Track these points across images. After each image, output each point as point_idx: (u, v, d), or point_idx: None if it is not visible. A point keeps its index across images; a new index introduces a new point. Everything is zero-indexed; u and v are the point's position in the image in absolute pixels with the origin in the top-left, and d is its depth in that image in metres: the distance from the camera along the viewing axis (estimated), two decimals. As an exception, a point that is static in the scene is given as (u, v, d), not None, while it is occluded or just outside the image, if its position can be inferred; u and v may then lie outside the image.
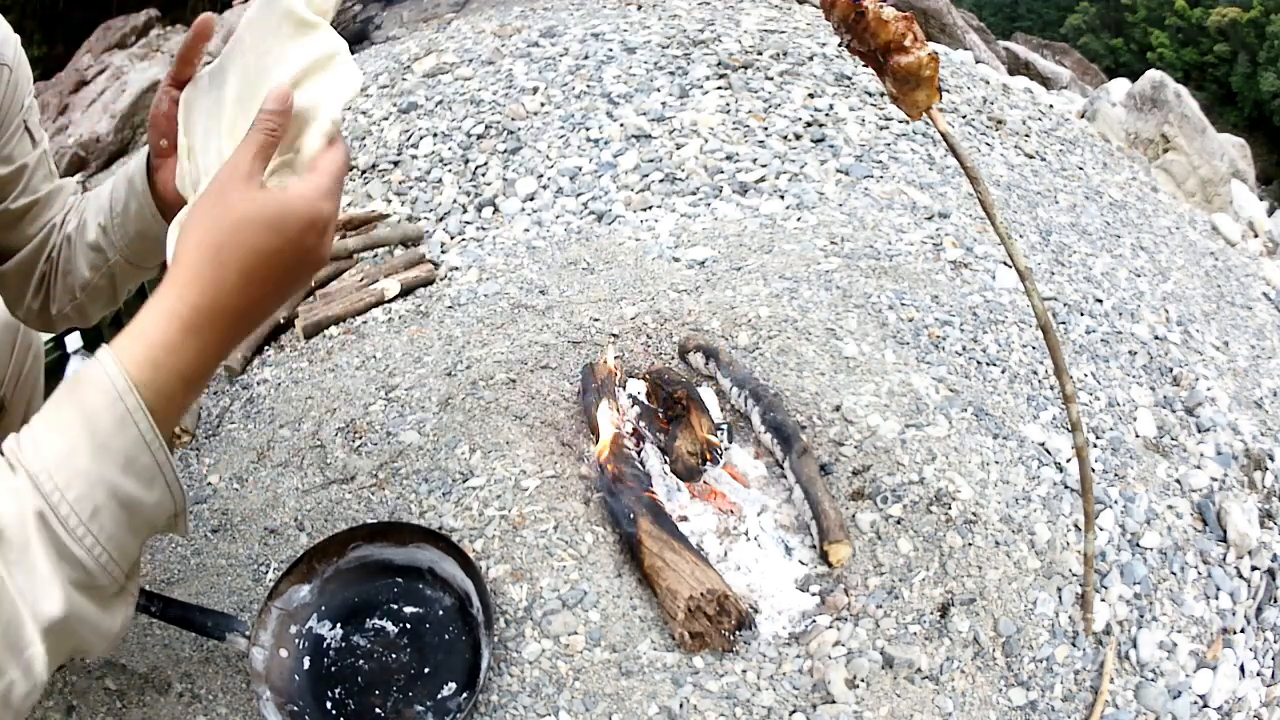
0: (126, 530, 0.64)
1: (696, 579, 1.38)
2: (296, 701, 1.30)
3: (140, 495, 0.65)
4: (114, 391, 0.64)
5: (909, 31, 1.06)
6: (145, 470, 0.65)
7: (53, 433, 0.63)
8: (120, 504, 0.63)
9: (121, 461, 0.63)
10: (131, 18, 7.18)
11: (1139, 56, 20.78)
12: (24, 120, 1.14)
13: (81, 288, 1.18)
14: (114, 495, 0.63)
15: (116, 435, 0.63)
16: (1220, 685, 1.39)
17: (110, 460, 0.63)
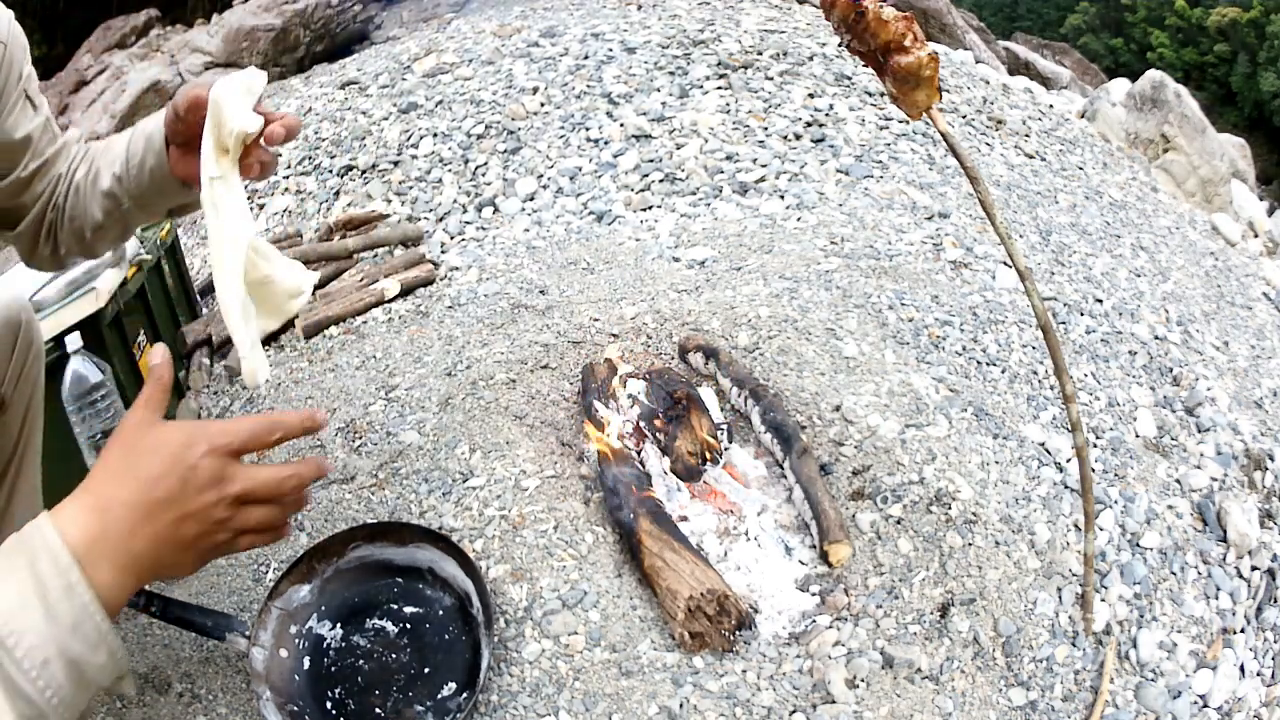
0: (74, 685, 0.70)
1: (696, 579, 1.38)
2: (296, 701, 1.30)
3: (87, 656, 0.71)
4: (60, 564, 0.71)
5: (909, 31, 1.06)
6: (91, 635, 0.71)
7: (5, 587, 0.69)
8: (69, 661, 0.69)
9: (69, 625, 0.70)
10: (131, 18, 7.18)
11: (1139, 56, 20.78)
12: (24, 90, 1.17)
13: (93, 229, 1.24)
14: (63, 652, 0.69)
15: (64, 602, 0.70)
16: (1220, 685, 1.39)
17: (60, 623, 0.69)
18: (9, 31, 1.14)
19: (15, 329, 1.31)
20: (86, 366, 1.61)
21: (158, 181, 1.16)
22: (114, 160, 1.19)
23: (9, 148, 1.18)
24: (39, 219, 1.25)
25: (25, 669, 0.67)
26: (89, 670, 0.72)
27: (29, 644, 0.67)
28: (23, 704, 0.67)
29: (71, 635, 0.70)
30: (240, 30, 6.50)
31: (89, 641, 0.71)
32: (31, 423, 1.38)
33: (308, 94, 4.52)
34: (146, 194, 1.18)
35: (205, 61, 6.44)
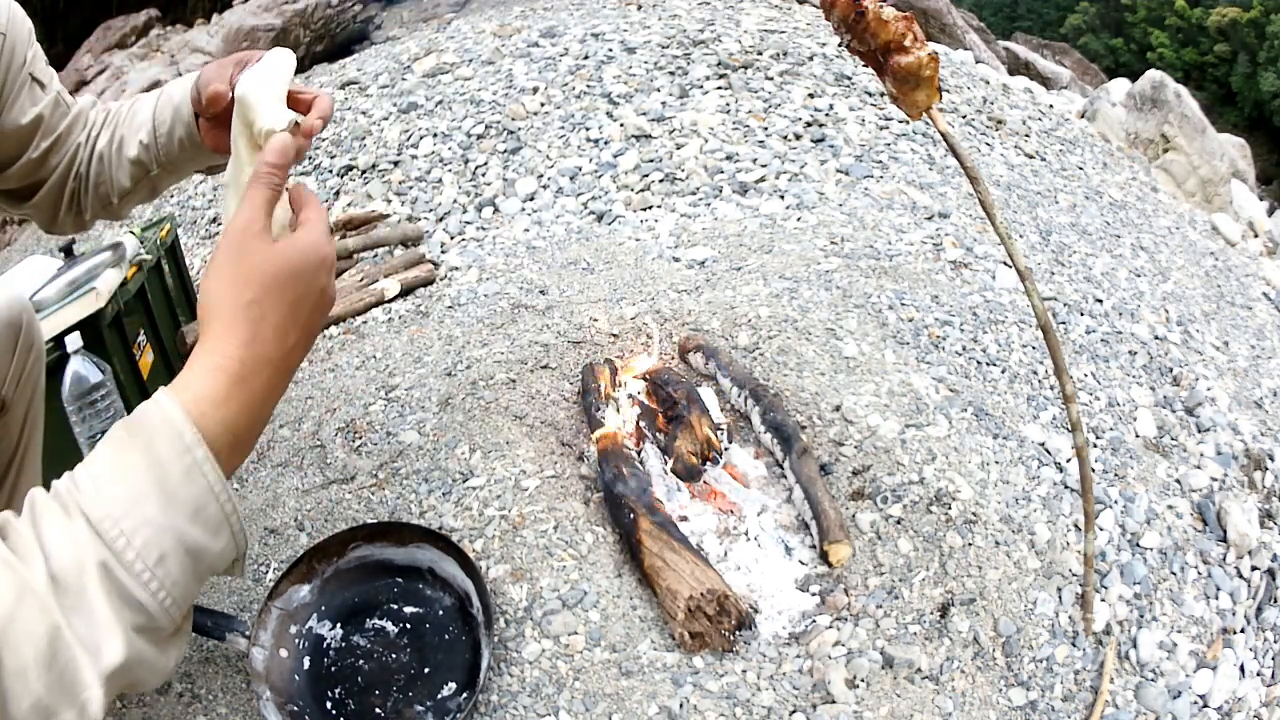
0: (190, 576, 0.65)
1: (696, 579, 1.38)
2: (296, 701, 1.30)
3: (207, 543, 0.66)
4: (181, 442, 0.65)
5: (909, 31, 1.06)
6: (212, 519, 0.66)
7: (117, 478, 0.63)
8: (186, 551, 0.64)
9: (190, 511, 0.64)
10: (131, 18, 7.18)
11: (1139, 56, 20.78)
12: (29, 74, 1.17)
13: (120, 194, 1.25)
14: (181, 542, 0.63)
15: (185, 485, 0.64)
16: (1220, 685, 1.39)
17: (179, 509, 0.63)
18: (9, 18, 1.13)
19: (16, 330, 1.31)
20: (86, 367, 1.61)
21: (188, 150, 1.17)
22: (139, 127, 1.20)
23: (16, 134, 1.17)
24: (59, 189, 1.25)
25: (137, 572, 0.61)
26: (207, 557, 0.66)
27: (143, 541, 0.61)
28: (132, 612, 0.61)
29: (191, 522, 0.64)
30: (240, 30, 6.50)
31: (210, 526, 0.66)
32: (32, 423, 1.38)
33: (308, 94, 4.51)
34: (177, 161, 1.19)
35: (205, 61, 6.44)
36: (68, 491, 0.62)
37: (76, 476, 0.63)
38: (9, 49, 1.12)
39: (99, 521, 0.60)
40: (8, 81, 1.14)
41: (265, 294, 0.74)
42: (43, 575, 0.57)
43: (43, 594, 0.57)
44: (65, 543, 0.59)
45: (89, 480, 0.62)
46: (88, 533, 0.60)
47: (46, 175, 1.23)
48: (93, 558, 0.59)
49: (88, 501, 0.61)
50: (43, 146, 1.20)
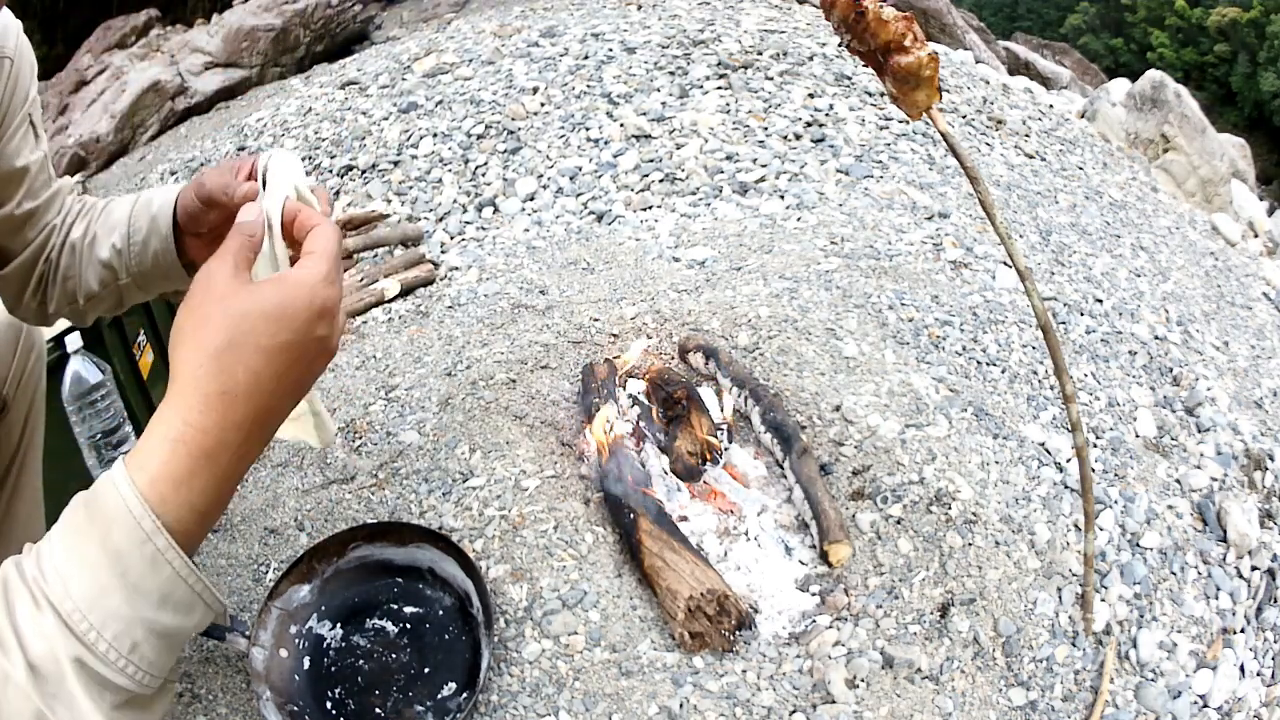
0: (167, 652, 0.63)
1: (696, 579, 1.38)
2: (296, 701, 1.30)
3: (180, 623, 0.63)
4: (140, 532, 0.60)
5: (909, 31, 1.06)
6: (182, 602, 0.63)
7: (80, 570, 0.60)
8: (159, 635, 0.62)
9: (157, 599, 0.61)
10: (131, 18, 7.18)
11: (1139, 56, 20.78)
12: (29, 114, 1.10)
13: (86, 297, 1.16)
14: (152, 630, 0.61)
15: (149, 576, 0.61)
16: (1220, 685, 1.39)
17: (145, 600, 0.61)
18: (18, 47, 1.08)
19: (18, 330, 1.31)
20: (86, 367, 1.61)
21: (162, 267, 1.09)
22: (113, 229, 1.11)
23: (6, 176, 1.09)
24: (28, 268, 1.16)
25: (111, 661, 0.59)
26: (182, 634, 0.64)
27: (113, 634, 0.59)
28: (111, 694, 0.60)
29: (160, 609, 0.61)
30: (240, 30, 6.50)
31: (181, 607, 0.63)
32: (34, 423, 1.38)
33: (308, 94, 4.52)
34: (148, 275, 1.11)
35: (205, 61, 6.44)
36: (34, 581, 0.59)
37: (42, 563, 0.60)
38: (14, 77, 1.07)
39: (68, 616, 0.58)
40: (11, 109, 1.07)
41: (241, 340, 0.64)
42: (21, 665, 0.57)
43: (23, 684, 0.56)
44: (39, 636, 0.58)
45: (53, 570, 0.59)
46: (58, 627, 0.58)
47: (19, 247, 1.14)
48: (66, 653, 0.58)
49: (55, 595, 0.59)
50: (25, 207, 1.11)
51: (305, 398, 0.85)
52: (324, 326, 0.68)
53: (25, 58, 1.10)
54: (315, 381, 0.71)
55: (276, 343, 0.65)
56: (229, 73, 6.43)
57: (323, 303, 0.67)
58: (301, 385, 0.69)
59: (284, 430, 0.90)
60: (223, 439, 0.64)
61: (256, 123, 4.21)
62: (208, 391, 0.63)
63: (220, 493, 0.65)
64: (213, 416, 0.63)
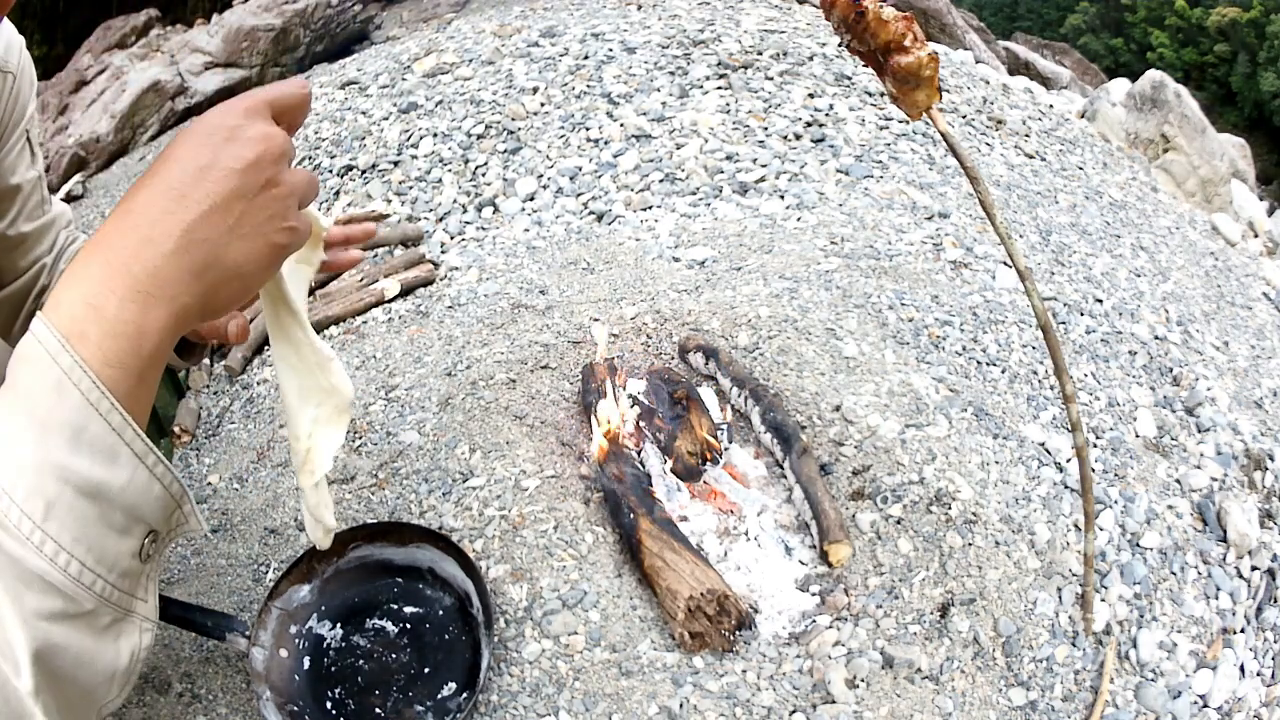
0: (98, 526, 0.51)
1: (696, 579, 1.38)
2: (296, 701, 1.30)
3: (101, 475, 0.51)
4: (46, 355, 0.50)
5: (909, 31, 1.06)
6: (98, 441, 0.51)
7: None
8: (78, 491, 0.50)
9: (68, 435, 0.50)
10: (131, 18, 7.18)
11: (1139, 56, 20.78)
12: (26, 130, 1.10)
13: None
14: (66, 481, 0.49)
15: (56, 406, 0.50)
16: (1220, 685, 1.39)
17: (54, 438, 0.49)
18: (20, 63, 1.07)
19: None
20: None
21: None
22: None
23: (1, 192, 1.08)
24: (18, 301, 1.14)
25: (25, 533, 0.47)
26: (111, 495, 0.51)
27: (24, 491, 0.47)
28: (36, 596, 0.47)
29: (72, 450, 0.49)
30: (240, 30, 6.50)
31: (99, 450, 0.51)
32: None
33: (308, 94, 4.51)
34: None
35: (205, 61, 6.44)
36: None
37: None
38: (14, 93, 1.06)
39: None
40: (8, 127, 1.06)
41: (156, 162, 0.60)
42: None
43: None
44: None
45: None
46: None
47: (12, 275, 1.12)
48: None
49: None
50: (18, 228, 1.09)
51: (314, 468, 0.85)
52: (230, 117, 0.60)
53: (26, 74, 1.09)
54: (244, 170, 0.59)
55: (178, 142, 0.59)
56: (229, 73, 6.43)
57: (231, 101, 0.62)
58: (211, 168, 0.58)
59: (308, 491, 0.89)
60: (115, 227, 0.56)
61: (256, 123, 4.20)
62: (120, 208, 0.58)
63: (121, 284, 0.54)
64: (110, 216, 0.57)
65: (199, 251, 0.56)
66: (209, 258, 0.57)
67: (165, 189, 0.56)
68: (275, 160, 0.61)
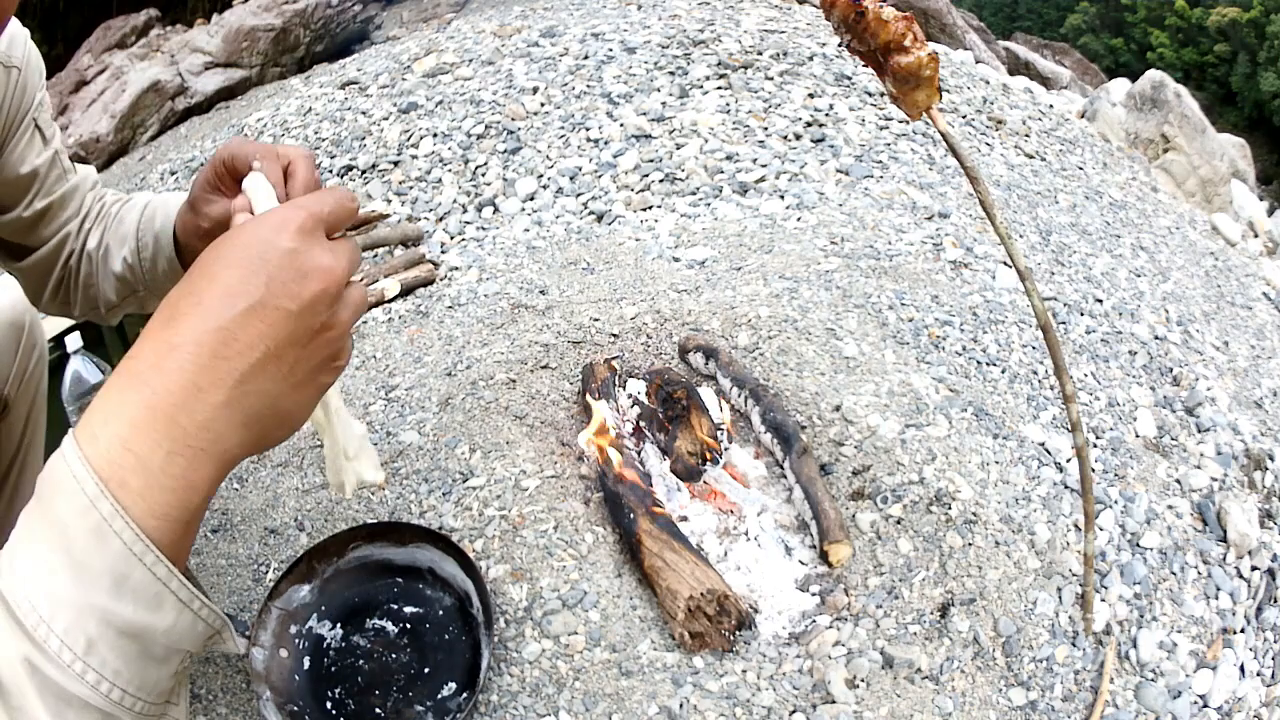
0: (140, 661, 0.51)
1: (696, 579, 1.38)
2: (296, 701, 1.30)
3: (146, 620, 0.51)
4: (83, 497, 0.49)
5: (909, 31, 1.06)
6: (142, 590, 0.51)
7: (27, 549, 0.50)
8: (120, 632, 0.50)
9: (109, 583, 0.50)
10: (131, 18, 7.18)
11: (1139, 56, 20.78)
12: (34, 119, 1.11)
13: (107, 306, 1.18)
14: (109, 623, 0.50)
15: (96, 551, 0.49)
16: (1220, 685, 1.39)
17: (95, 584, 0.49)
18: (25, 55, 1.08)
19: (19, 330, 1.32)
20: (86, 367, 1.61)
21: (173, 280, 1.06)
22: (124, 241, 1.12)
23: (13, 183, 1.10)
24: (47, 268, 1.17)
25: (66, 663, 0.48)
26: (155, 637, 0.51)
27: (63, 626, 0.48)
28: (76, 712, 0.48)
29: (115, 597, 0.49)
30: (240, 30, 6.50)
31: (143, 598, 0.51)
32: (35, 423, 1.39)
33: (308, 94, 4.52)
34: (163, 287, 1.11)
35: (205, 61, 6.44)
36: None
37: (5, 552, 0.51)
38: (20, 86, 1.07)
39: (16, 605, 0.48)
40: (14, 121, 1.08)
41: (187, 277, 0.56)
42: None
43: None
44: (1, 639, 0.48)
45: (6, 557, 0.50)
46: (7, 620, 0.48)
47: (37, 244, 1.15)
48: (16, 652, 0.48)
49: (5, 584, 0.49)
50: (36, 207, 1.11)
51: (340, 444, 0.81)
52: (284, 238, 0.57)
53: (33, 65, 1.10)
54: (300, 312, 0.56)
55: (224, 260, 0.56)
56: (229, 73, 6.43)
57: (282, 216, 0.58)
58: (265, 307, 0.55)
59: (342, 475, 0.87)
60: (157, 361, 0.53)
61: (256, 123, 4.21)
62: (148, 328, 0.55)
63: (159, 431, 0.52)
64: (148, 343, 0.54)
65: (250, 402, 0.55)
66: (261, 408, 0.56)
67: (213, 327, 0.53)
68: (332, 301, 0.58)
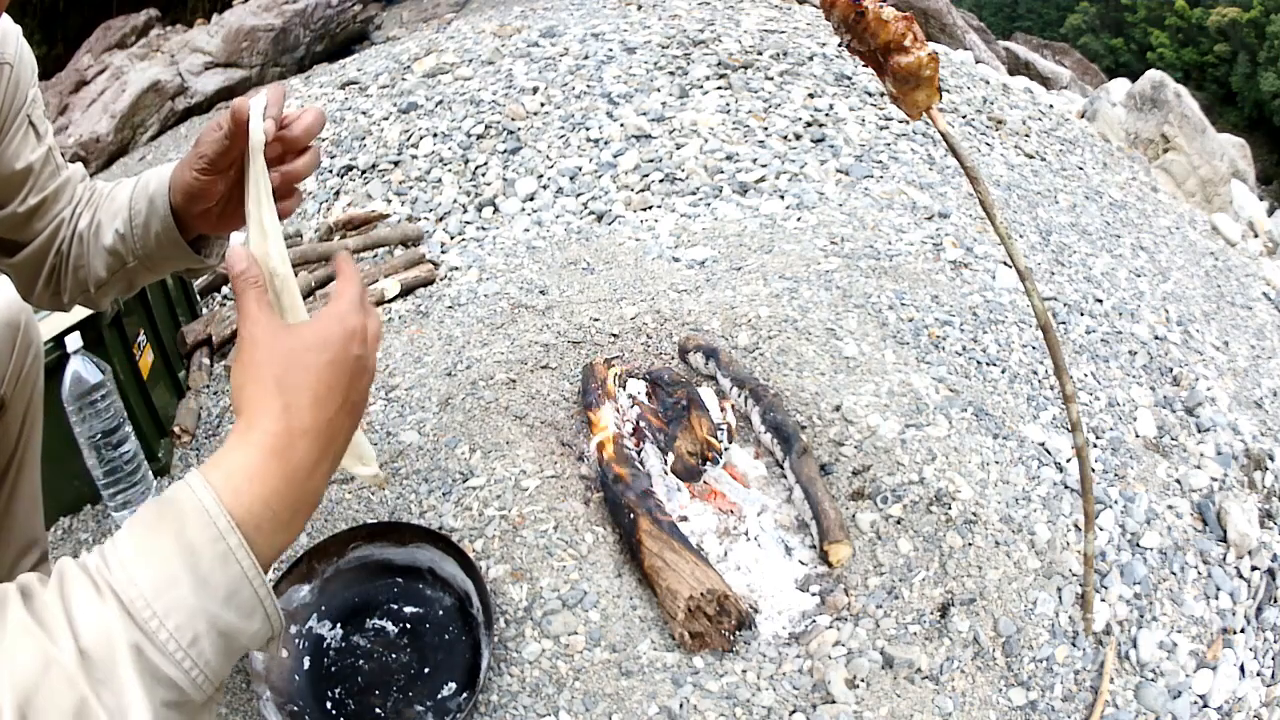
0: (224, 655, 0.65)
1: (696, 579, 1.38)
2: (296, 701, 1.30)
3: (241, 625, 0.66)
4: (214, 529, 0.64)
5: (909, 31, 1.06)
6: (246, 603, 0.65)
7: (149, 561, 0.62)
8: (220, 633, 0.64)
9: (223, 596, 0.64)
10: (131, 18, 7.18)
11: (1139, 56, 20.79)
12: (28, 115, 1.11)
13: (96, 284, 1.19)
14: (214, 625, 0.63)
15: (218, 571, 0.64)
16: (1220, 685, 1.39)
17: (212, 594, 0.63)
18: (17, 51, 1.08)
19: (15, 329, 1.31)
20: (86, 367, 1.61)
21: (165, 247, 1.12)
22: (116, 214, 1.14)
23: (7, 179, 1.11)
24: (39, 259, 1.19)
25: (170, 651, 0.60)
26: (240, 639, 0.66)
27: (175, 623, 0.61)
28: (164, 689, 0.60)
29: (225, 607, 0.64)
30: (240, 30, 6.50)
31: (244, 610, 0.65)
32: (31, 423, 1.38)
33: (308, 94, 4.52)
34: (154, 257, 1.14)
35: (205, 61, 6.44)
36: (98, 570, 0.61)
37: (106, 556, 0.63)
38: (13, 83, 1.08)
39: (130, 603, 0.60)
40: (8, 117, 1.08)
41: (292, 367, 0.73)
42: (71, 650, 0.57)
43: (70, 667, 0.57)
44: (96, 620, 0.59)
45: (119, 562, 0.62)
46: (119, 613, 0.60)
47: (29, 238, 1.17)
48: (124, 639, 0.59)
49: (119, 583, 0.61)
50: (30, 203, 1.14)
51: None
52: (357, 346, 0.76)
53: (25, 61, 1.10)
54: (364, 400, 0.78)
55: (321, 361, 0.73)
56: (229, 73, 6.43)
57: (352, 326, 0.76)
58: (350, 401, 0.75)
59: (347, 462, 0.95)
60: (290, 441, 0.70)
61: (256, 123, 4.20)
62: (272, 407, 0.71)
63: (295, 492, 0.69)
64: (280, 422, 0.70)
65: (333, 449, 0.74)
66: (338, 449, 0.75)
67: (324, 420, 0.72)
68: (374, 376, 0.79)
